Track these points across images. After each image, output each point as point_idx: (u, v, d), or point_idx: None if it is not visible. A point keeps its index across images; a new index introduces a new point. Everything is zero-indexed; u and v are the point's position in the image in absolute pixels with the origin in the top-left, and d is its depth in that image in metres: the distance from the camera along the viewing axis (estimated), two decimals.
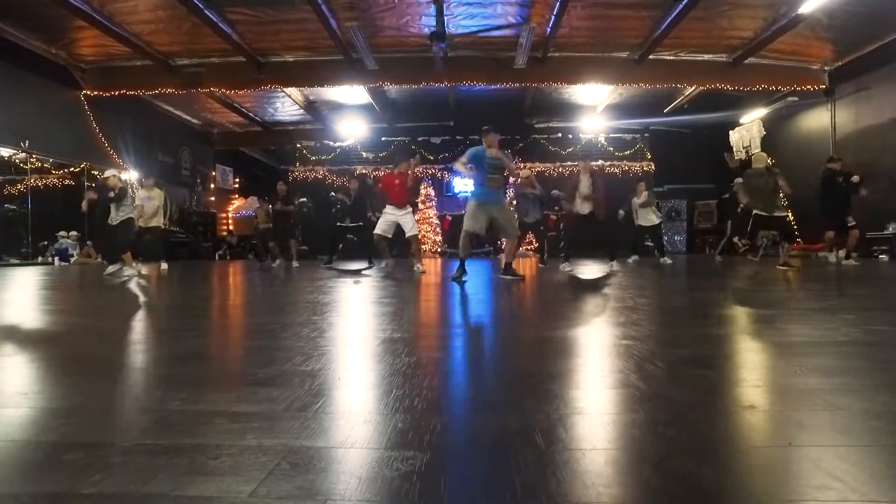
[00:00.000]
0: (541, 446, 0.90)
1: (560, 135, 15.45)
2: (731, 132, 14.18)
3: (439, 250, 14.71)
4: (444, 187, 15.36)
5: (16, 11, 8.99)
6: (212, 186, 17.05)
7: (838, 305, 3.07)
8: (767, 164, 6.86)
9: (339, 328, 2.32)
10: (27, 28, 9.66)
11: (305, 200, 12.20)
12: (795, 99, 12.11)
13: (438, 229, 14.91)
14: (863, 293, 3.88)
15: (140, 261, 7.11)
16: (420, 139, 15.45)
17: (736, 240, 9.26)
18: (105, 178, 6.93)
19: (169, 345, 1.98)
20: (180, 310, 3.33)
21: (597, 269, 7.02)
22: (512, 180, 9.89)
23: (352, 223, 8.16)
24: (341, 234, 8.46)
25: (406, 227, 6.70)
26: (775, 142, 12.94)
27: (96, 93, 11.50)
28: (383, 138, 15.57)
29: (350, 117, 14.60)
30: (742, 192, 7.13)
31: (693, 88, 12.29)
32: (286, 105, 14.38)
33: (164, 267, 7.52)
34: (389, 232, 6.70)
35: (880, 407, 1.09)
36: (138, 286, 4.93)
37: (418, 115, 14.94)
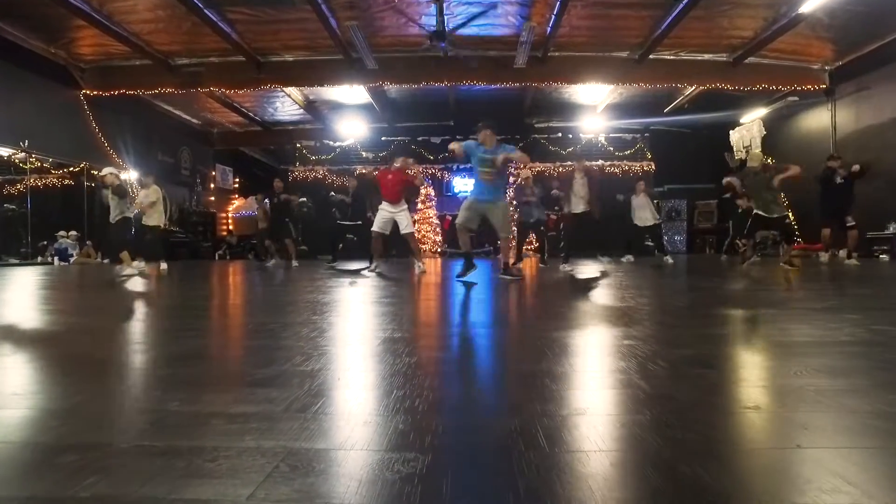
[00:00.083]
0: (544, 448, 0.88)
1: (560, 135, 15.44)
2: (731, 132, 14.17)
3: (439, 250, 14.70)
4: (444, 187, 15.36)
5: (15, 11, 8.99)
6: (211, 186, 17.05)
7: (841, 305, 3.05)
8: (763, 162, 6.85)
9: (339, 328, 2.30)
10: (27, 27, 9.65)
11: (305, 200, 12.18)
12: (796, 99, 12.10)
13: (438, 229, 14.89)
14: (865, 293, 3.86)
15: (141, 260, 7.08)
16: (420, 139, 15.44)
17: (738, 240, 9.27)
18: (102, 175, 6.92)
19: (168, 345, 1.96)
20: (179, 309, 3.31)
21: (597, 269, 7.01)
22: (512, 179, 9.85)
23: (350, 221, 8.13)
24: (341, 234, 8.43)
25: (401, 224, 6.65)
26: (776, 142, 12.95)
27: (96, 92, 11.50)
28: (383, 138, 15.55)
29: (350, 117, 14.59)
30: (736, 188, 7.14)
31: (693, 88, 12.28)
32: (286, 105, 14.37)
33: (164, 267, 7.50)
34: (387, 229, 6.66)
35: (888, 408, 1.08)
36: (137, 286, 4.92)
37: (418, 115, 14.93)
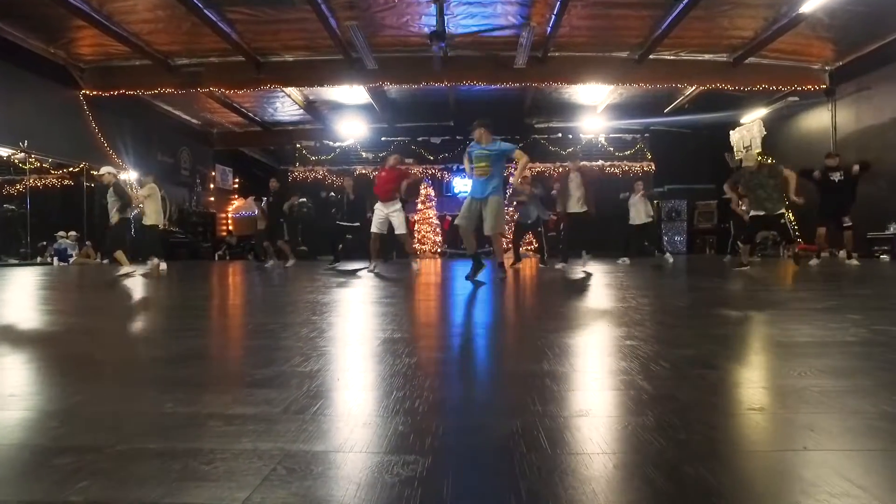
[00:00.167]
0: (546, 450, 0.87)
1: (560, 135, 15.43)
2: (731, 132, 14.16)
3: (439, 250, 14.68)
4: (444, 187, 15.34)
5: (15, 11, 8.98)
6: (211, 186, 17.04)
7: (843, 305, 3.04)
8: (758, 161, 6.84)
9: (339, 328, 2.29)
10: (26, 27, 9.64)
11: (305, 201, 12.16)
12: (796, 99, 12.09)
13: (438, 230, 14.87)
14: (867, 293, 3.85)
15: (140, 261, 7.07)
16: (420, 139, 15.43)
17: (738, 242, 9.23)
18: (100, 175, 6.90)
19: (167, 345, 1.95)
20: (179, 310, 3.30)
21: (596, 269, 6.99)
22: (512, 180, 9.86)
23: (349, 222, 8.12)
24: (340, 234, 8.42)
25: (394, 224, 6.62)
26: (776, 142, 12.94)
27: (95, 92, 11.49)
28: (383, 138, 15.54)
29: (350, 117, 14.58)
30: (731, 192, 7.14)
31: (693, 88, 12.27)
32: (286, 105, 14.36)
33: (164, 267, 7.48)
34: (383, 229, 6.64)
35: (892, 409, 1.06)
36: (137, 286, 4.90)
37: (418, 115, 14.92)
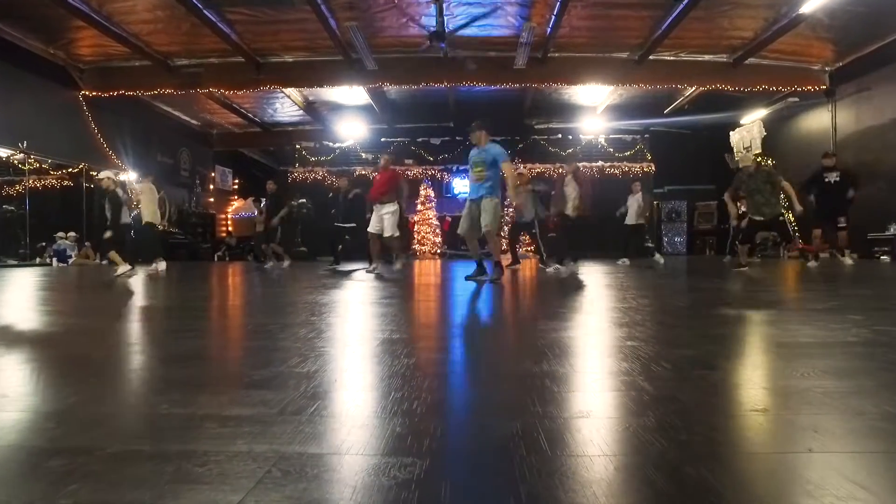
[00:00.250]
0: (547, 452, 0.85)
1: (560, 136, 15.41)
2: (731, 133, 14.15)
3: (439, 251, 14.67)
4: (444, 188, 15.32)
5: (14, 11, 8.97)
6: (211, 187, 17.03)
7: (844, 305, 3.02)
8: (756, 162, 6.82)
9: (338, 329, 2.27)
10: (25, 28, 9.63)
11: (304, 202, 12.13)
12: (796, 99, 12.08)
13: (438, 230, 14.85)
14: (868, 293, 3.84)
15: (140, 262, 7.06)
16: (420, 140, 15.42)
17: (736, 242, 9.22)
18: (100, 179, 6.89)
19: (165, 346, 1.94)
20: (177, 310, 3.29)
21: (596, 269, 6.98)
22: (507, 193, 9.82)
23: (344, 223, 8.11)
24: (339, 235, 8.40)
25: (384, 225, 6.58)
26: (776, 143, 12.93)
27: (95, 93, 11.48)
28: (383, 139, 15.52)
29: (349, 118, 14.57)
30: (731, 204, 7.13)
31: (693, 89, 12.27)
32: (285, 106, 14.35)
33: (163, 267, 7.45)
34: (381, 229, 6.65)
35: (895, 410, 1.05)
36: (136, 287, 4.89)
37: (418, 116, 14.91)
